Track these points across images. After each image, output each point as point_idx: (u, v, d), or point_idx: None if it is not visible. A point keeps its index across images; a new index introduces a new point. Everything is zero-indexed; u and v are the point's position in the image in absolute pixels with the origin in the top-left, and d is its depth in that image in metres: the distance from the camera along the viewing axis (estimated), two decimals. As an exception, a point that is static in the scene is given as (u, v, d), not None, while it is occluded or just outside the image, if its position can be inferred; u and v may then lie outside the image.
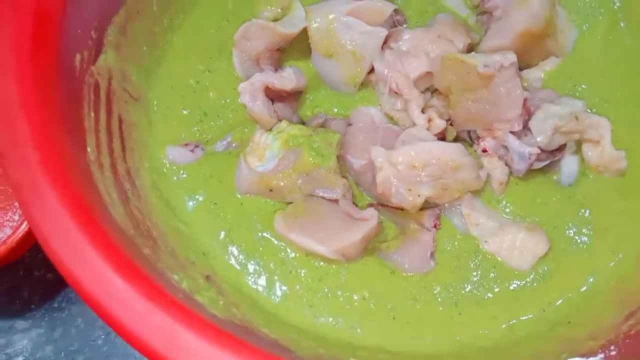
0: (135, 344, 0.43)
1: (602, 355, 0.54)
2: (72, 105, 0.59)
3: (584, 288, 0.64)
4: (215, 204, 0.68)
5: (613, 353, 0.54)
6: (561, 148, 0.69)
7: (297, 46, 0.73)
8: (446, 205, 0.68)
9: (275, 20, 0.75)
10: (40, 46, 0.55)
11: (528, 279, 0.65)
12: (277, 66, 0.74)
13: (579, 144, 0.70)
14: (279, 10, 0.76)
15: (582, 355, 0.55)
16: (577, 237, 0.67)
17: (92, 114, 0.62)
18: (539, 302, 0.64)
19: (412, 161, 0.64)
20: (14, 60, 0.52)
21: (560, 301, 0.64)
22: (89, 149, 0.58)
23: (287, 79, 0.71)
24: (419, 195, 0.65)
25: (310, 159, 0.65)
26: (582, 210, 0.68)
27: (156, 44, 0.74)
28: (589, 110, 0.69)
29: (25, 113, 0.50)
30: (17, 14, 0.55)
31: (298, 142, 0.67)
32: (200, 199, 0.68)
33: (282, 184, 0.67)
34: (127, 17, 0.69)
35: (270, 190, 0.67)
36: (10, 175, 0.47)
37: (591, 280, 0.65)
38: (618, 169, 0.69)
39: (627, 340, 0.55)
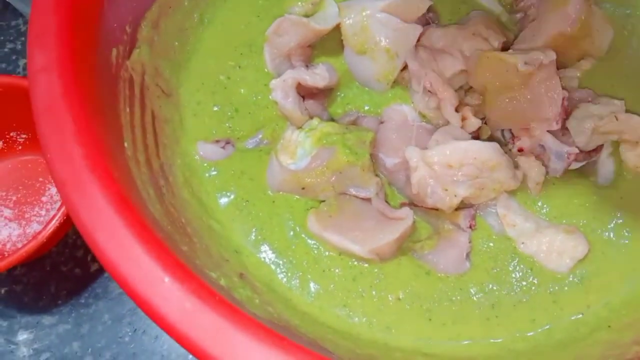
0: (184, 343, 0.42)
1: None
2: (110, 100, 0.58)
3: (624, 292, 0.63)
4: (247, 201, 0.68)
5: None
6: (598, 149, 0.68)
7: (328, 42, 0.73)
8: (481, 205, 0.68)
9: (306, 16, 0.74)
10: (80, 41, 0.54)
11: (566, 282, 0.64)
12: (309, 62, 0.74)
13: (615, 144, 0.69)
14: (310, 6, 0.75)
15: (628, 361, 0.55)
16: (615, 240, 0.66)
17: (128, 109, 0.62)
18: (578, 305, 0.63)
19: (448, 161, 0.64)
20: (56, 56, 0.51)
21: (599, 305, 0.63)
22: (126, 144, 0.58)
23: (319, 75, 0.70)
24: (455, 196, 0.64)
25: (345, 157, 0.65)
26: (621, 212, 0.67)
27: (187, 39, 0.73)
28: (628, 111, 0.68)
29: (68, 109, 0.49)
30: (57, 10, 0.54)
31: (332, 140, 0.66)
32: (232, 196, 0.68)
33: (314, 182, 0.66)
34: (159, 12, 0.69)
35: (303, 188, 0.67)
36: (54, 171, 0.47)
37: (631, 283, 0.64)
38: None
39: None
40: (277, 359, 0.41)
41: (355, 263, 0.65)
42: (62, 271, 0.79)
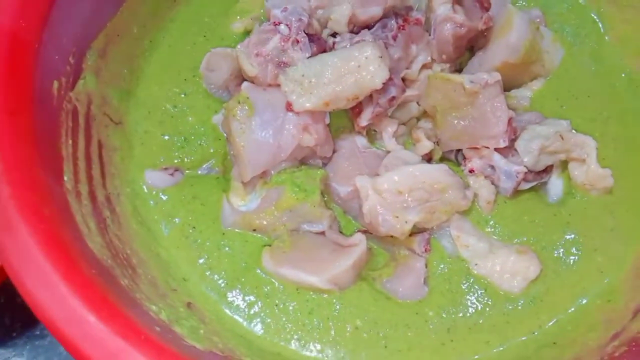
0: (108, 385, 0.42)
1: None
2: (49, 134, 0.58)
3: (573, 309, 0.63)
4: (194, 227, 0.67)
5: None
6: (548, 170, 0.69)
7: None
8: (435, 227, 0.68)
9: (247, 31, 0.75)
10: (14, 75, 0.54)
11: (519, 302, 0.64)
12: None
13: (564, 164, 0.70)
14: (250, 20, 0.75)
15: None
16: (565, 258, 0.66)
17: (70, 141, 0.61)
18: (530, 325, 0.63)
19: (397, 187, 0.64)
20: (-15, 92, 0.51)
21: (549, 323, 0.63)
22: (65, 178, 0.57)
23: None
24: (406, 222, 0.64)
25: (293, 194, 0.65)
26: (570, 230, 0.67)
27: (137, 66, 0.73)
28: (575, 130, 0.69)
29: (-2, 148, 0.49)
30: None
31: (280, 180, 0.66)
32: (178, 221, 0.67)
33: (265, 222, 0.66)
34: (106, 41, 0.69)
35: (254, 229, 0.67)
36: (-18, 211, 0.46)
37: (579, 300, 0.64)
38: (605, 187, 0.68)
39: (612, 363, 0.55)
40: (201, 399, 0.40)
41: (313, 296, 0.64)
42: (17, 303, 0.78)
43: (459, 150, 0.71)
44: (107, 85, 0.69)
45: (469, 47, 0.73)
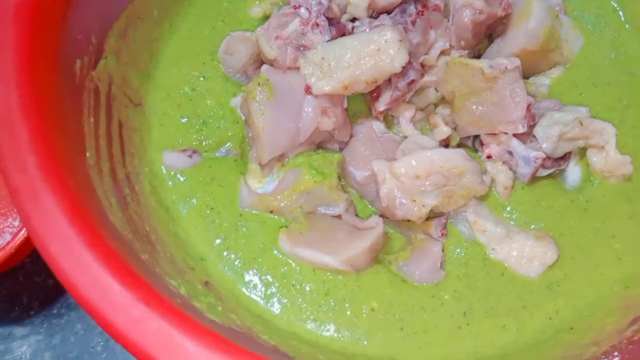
0: (131, 349, 0.42)
1: (604, 361, 0.53)
2: (72, 110, 0.59)
3: (590, 295, 0.63)
4: (212, 208, 0.67)
5: (616, 359, 0.53)
6: (566, 157, 0.69)
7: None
8: (451, 212, 0.68)
9: (265, 16, 0.75)
10: (40, 53, 0.55)
11: (536, 287, 0.64)
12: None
13: (582, 151, 0.70)
14: (269, 5, 0.76)
15: (585, 361, 0.54)
16: (583, 244, 0.66)
17: (92, 119, 0.62)
18: (547, 310, 0.63)
19: (415, 171, 0.64)
20: (13, 67, 0.51)
21: (566, 309, 0.63)
22: (87, 154, 0.58)
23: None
24: (423, 206, 0.64)
25: (311, 177, 0.65)
26: (588, 217, 0.67)
27: (157, 49, 0.74)
28: (594, 117, 0.68)
29: (24, 119, 0.49)
30: (17, 20, 0.55)
31: (297, 163, 0.67)
32: (195, 202, 0.67)
33: (282, 204, 0.66)
34: (127, 22, 0.69)
35: (271, 211, 0.67)
36: (8, 181, 0.47)
37: (597, 287, 0.64)
38: (623, 174, 0.68)
39: (631, 346, 0.54)
40: (222, 365, 0.41)
41: (330, 277, 0.64)
42: (35, 282, 0.79)
43: (476, 137, 0.71)
44: (128, 66, 0.70)
45: (487, 33, 0.73)
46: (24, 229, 0.69)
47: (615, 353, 0.54)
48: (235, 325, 0.56)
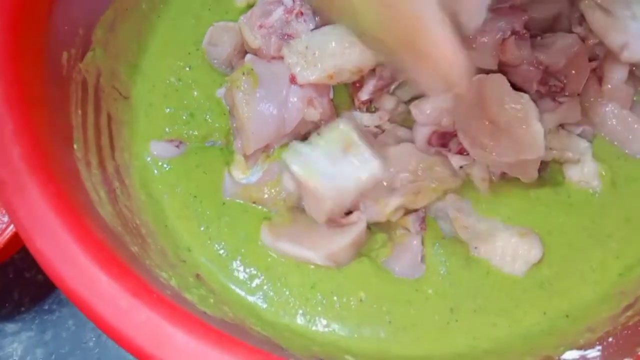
0: (121, 342, 0.42)
1: (599, 347, 0.53)
2: (59, 102, 0.58)
3: (585, 290, 0.62)
4: (195, 197, 0.66)
5: (611, 344, 0.53)
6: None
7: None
8: (432, 208, 0.66)
9: (249, 6, 0.74)
10: (25, 44, 0.54)
11: (526, 285, 0.62)
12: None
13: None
14: None
15: (579, 348, 0.54)
16: (575, 243, 0.64)
17: (80, 111, 0.61)
18: (541, 306, 0.61)
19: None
20: (-2, 57, 0.51)
21: (561, 306, 0.61)
22: (75, 146, 0.57)
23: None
24: (386, 205, 0.62)
25: None
26: (577, 214, 0.65)
27: (144, 40, 0.73)
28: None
29: (8, 110, 0.49)
30: (3, 12, 0.54)
31: (283, 155, 0.65)
32: (179, 190, 0.66)
33: (265, 196, 0.65)
34: (115, 15, 0.69)
35: (254, 202, 0.66)
36: (-7, 172, 0.46)
37: (593, 286, 0.62)
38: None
39: (625, 332, 0.54)
40: (213, 355, 0.40)
41: (314, 269, 0.63)
42: (26, 277, 0.79)
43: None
44: (116, 59, 0.69)
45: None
46: (12, 225, 0.68)
47: (610, 338, 0.54)
48: (227, 317, 0.56)
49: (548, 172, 0.67)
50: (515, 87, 0.64)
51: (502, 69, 0.63)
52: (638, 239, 0.64)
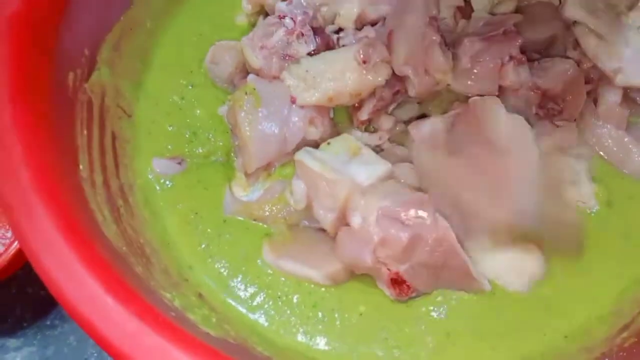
0: (126, 365, 0.42)
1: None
2: (65, 123, 0.59)
3: (584, 309, 0.62)
4: (196, 213, 0.67)
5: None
6: None
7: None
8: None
9: (250, 23, 0.76)
10: (33, 66, 0.55)
11: (528, 305, 0.62)
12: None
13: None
14: (254, 14, 0.76)
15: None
16: (576, 261, 0.64)
17: (85, 132, 0.62)
18: (540, 328, 0.61)
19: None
20: (6, 81, 0.51)
21: (562, 324, 0.61)
22: (81, 167, 0.58)
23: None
24: None
25: None
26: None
27: (148, 59, 0.74)
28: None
29: (16, 132, 0.50)
30: (10, 34, 0.55)
31: (284, 173, 0.67)
32: (180, 207, 0.67)
33: (266, 214, 0.66)
34: (120, 34, 0.70)
35: (255, 219, 0.67)
36: (1, 195, 0.47)
37: (593, 306, 0.62)
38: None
39: (622, 353, 0.55)
40: (217, 379, 0.41)
41: (315, 288, 0.63)
42: (28, 293, 0.79)
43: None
44: (121, 77, 0.70)
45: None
46: (17, 242, 0.69)
47: (606, 360, 0.55)
48: (229, 337, 0.56)
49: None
50: (514, 110, 0.66)
51: (501, 93, 0.64)
52: (637, 257, 0.65)
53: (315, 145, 0.68)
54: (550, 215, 0.63)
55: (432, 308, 0.62)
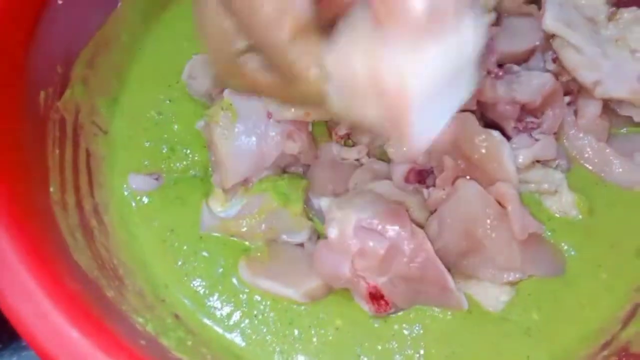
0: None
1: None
2: (35, 144, 0.58)
3: (571, 330, 0.61)
4: (172, 230, 0.66)
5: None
6: None
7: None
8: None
9: None
10: (1, 84, 0.54)
11: (512, 331, 0.60)
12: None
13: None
14: None
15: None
16: (564, 274, 0.63)
17: (57, 151, 0.61)
18: (524, 352, 0.60)
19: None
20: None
21: (547, 346, 0.60)
22: (51, 189, 0.57)
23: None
24: None
25: (276, 203, 0.64)
26: (563, 246, 0.65)
27: (124, 74, 0.73)
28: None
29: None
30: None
31: (262, 188, 0.66)
32: (156, 224, 0.66)
33: (244, 230, 0.65)
34: (95, 50, 0.68)
35: (232, 235, 0.66)
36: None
37: (580, 323, 0.61)
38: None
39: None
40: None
41: (293, 306, 0.63)
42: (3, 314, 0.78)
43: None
44: (96, 94, 0.69)
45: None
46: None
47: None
48: (205, 360, 0.56)
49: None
50: (493, 124, 0.65)
51: (480, 107, 0.64)
52: (627, 267, 0.64)
53: (294, 159, 0.68)
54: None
55: (404, 325, 0.61)
